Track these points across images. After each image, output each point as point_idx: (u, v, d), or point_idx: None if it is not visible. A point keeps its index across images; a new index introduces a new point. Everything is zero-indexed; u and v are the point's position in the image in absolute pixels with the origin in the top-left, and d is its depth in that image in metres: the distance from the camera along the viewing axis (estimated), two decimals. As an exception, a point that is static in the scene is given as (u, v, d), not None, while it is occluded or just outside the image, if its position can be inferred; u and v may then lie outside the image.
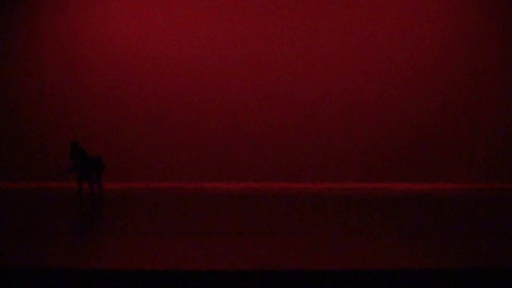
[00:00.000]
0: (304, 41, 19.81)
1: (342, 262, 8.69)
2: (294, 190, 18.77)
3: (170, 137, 19.91)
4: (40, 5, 20.01)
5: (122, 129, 19.90)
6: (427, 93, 19.74)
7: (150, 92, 19.95)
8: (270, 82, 19.85)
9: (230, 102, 19.88)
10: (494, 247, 9.95)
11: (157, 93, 19.95)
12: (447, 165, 19.78)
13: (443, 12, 19.70)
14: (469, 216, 14.71)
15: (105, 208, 15.57)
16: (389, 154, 19.73)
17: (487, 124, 19.72)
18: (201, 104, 19.91)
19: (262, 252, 9.42)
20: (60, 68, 19.99)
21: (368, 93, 19.78)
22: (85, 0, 19.95)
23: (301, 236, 11.06)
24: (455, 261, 8.78)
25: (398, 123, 19.74)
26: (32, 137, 20.03)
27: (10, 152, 19.97)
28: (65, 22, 19.96)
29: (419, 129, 19.73)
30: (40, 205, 16.10)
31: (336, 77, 19.80)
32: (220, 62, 19.90)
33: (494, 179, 19.56)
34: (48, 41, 19.99)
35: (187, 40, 19.92)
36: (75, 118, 19.78)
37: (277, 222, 12.87)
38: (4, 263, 8.26)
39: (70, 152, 16.42)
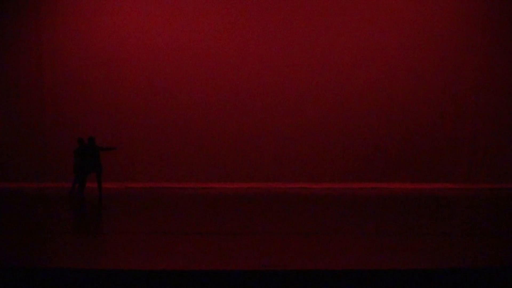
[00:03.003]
0: (305, 43, 19.80)
1: (342, 262, 8.69)
2: (294, 190, 18.77)
3: (170, 137, 19.90)
4: (40, 6, 20.02)
5: (122, 129, 19.91)
6: (427, 94, 19.74)
7: (150, 92, 19.96)
8: (271, 83, 19.84)
9: (230, 103, 19.88)
10: (494, 247, 9.95)
11: (157, 94, 19.96)
12: (447, 165, 19.77)
13: (444, 14, 19.69)
14: (469, 216, 14.71)
15: (104, 208, 15.57)
16: (389, 155, 19.73)
17: (487, 125, 19.72)
18: (202, 105, 19.90)
19: (262, 252, 9.42)
20: (60, 69, 20.00)
21: (368, 94, 19.78)
22: (86, 1, 19.98)
23: (301, 236, 11.05)
24: (455, 261, 8.78)
25: (398, 124, 19.74)
26: (32, 138, 20.03)
27: (10, 152, 19.98)
28: (65, 24, 19.97)
29: (420, 129, 19.72)
30: (40, 205, 16.10)
31: (337, 79, 19.80)
32: (220, 63, 19.89)
33: (494, 179, 19.56)
34: (48, 42, 19.99)
35: (188, 42, 19.91)
36: (75, 118, 19.78)
37: (277, 222, 12.87)
38: (4, 263, 8.26)
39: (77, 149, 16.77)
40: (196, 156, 19.89)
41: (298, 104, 19.84)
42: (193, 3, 19.93)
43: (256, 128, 19.88)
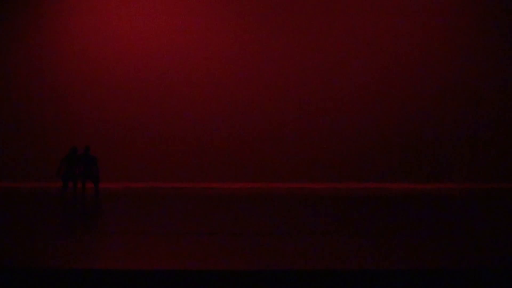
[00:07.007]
0: (305, 45, 19.82)
1: (341, 262, 8.68)
2: (294, 190, 18.77)
3: (170, 137, 19.92)
4: (40, 6, 20.04)
5: (122, 129, 19.93)
6: (428, 95, 19.77)
7: (151, 93, 19.98)
8: (271, 83, 19.86)
9: (230, 103, 19.89)
10: (493, 247, 9.95)
11: (158, 94, 19.97)
12: (447, 165, 19.79)
13: (444, 15, 19.72)
14: (469, 216, 14.70)
15: (104, 208, 15.56)
16: (390, 155, 19.75)
17: (487, 125, 19.74)
18: (202, 105, 19.92)
19: (262, 252, 9.42)
20: (61, 70, 20.02)
21: (368, 95, 19.80)
22: (86, 2, 19.99)
23: (301, 236, 11.05)
24: (455, 261, 8.78)
25: (399, 124, 19.77)
26: (32, 138, 20.05)
27: (10, 152, 19.99)
28: (65, 25, 20.00)
29: (420, 130, 19.75)
30: (40, 205, 16.08)
31: (338, 79, 19.82)
32: (221, 64, 19.91)
33: (494, 179, 19.58)
34: (48, 43, 20.01)
35: (189, 43, 19.93)
36: (76, 119, 19.78)
37: (277, 222, 12.86)
38: (4, 263, 8.26)
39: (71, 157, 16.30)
40: (196, 156, 19.90)
41: (298, 105, 19.85)
42: (193, 4, 19.95)
43: (256, 128, 19.89)
